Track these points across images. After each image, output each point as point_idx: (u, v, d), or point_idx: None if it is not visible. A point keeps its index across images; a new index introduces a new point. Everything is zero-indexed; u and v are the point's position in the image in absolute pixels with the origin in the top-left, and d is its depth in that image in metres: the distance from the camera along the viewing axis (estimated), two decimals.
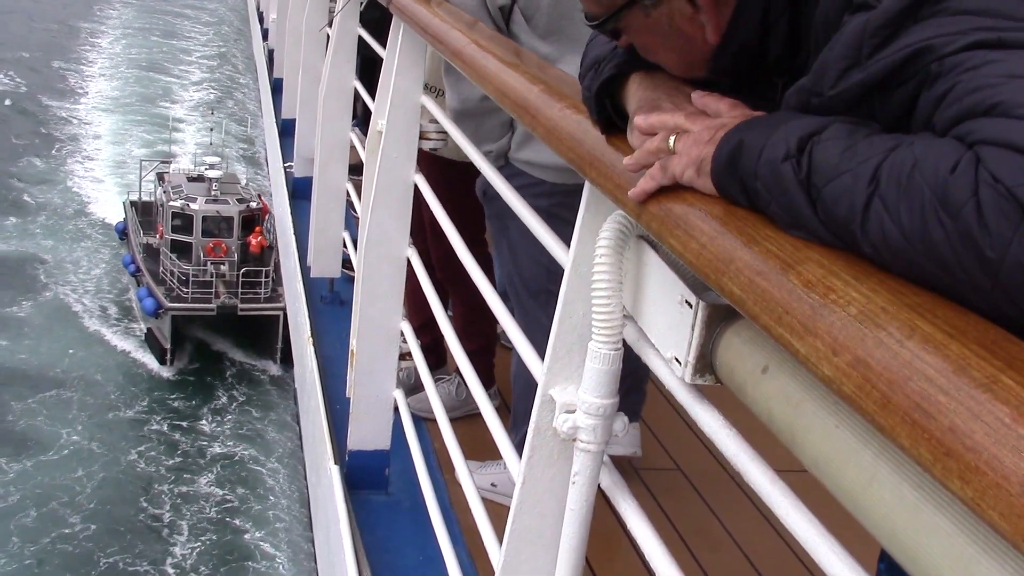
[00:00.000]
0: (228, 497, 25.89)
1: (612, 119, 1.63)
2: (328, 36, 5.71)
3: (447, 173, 4.08)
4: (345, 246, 5.41)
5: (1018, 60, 1.04)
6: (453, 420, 3.00)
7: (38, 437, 27.01)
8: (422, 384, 3.42)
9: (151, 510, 25.12)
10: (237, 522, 25.06)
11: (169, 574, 23.33)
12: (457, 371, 3.66)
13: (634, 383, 3.81)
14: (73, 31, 61.87)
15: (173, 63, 58.37)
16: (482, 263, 2.83)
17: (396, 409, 3.63)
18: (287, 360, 27.09)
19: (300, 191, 7.01)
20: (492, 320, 4.30)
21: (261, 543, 24.43)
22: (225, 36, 63.66)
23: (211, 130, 42.47)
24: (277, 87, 9.76)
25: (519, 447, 1.93)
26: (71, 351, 31.18)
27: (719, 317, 1.37)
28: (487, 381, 4.20)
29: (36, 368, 30.07)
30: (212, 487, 26.21)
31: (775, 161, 1.18)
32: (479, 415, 2.54)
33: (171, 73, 56.52)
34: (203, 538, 24.51)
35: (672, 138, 1.37)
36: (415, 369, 3.88)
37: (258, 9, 16.42)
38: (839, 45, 1.21)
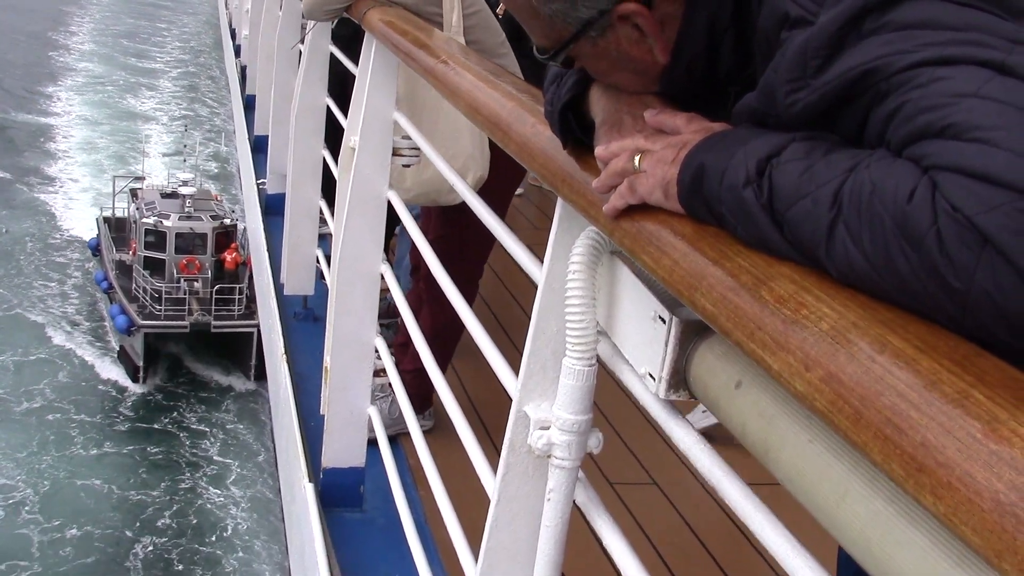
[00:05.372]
0: (201, 514, 25.71)
1: (576, 133, 1.63)
2: (300, 53, 5.70)
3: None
4: (319, 262, 5.40)
5: (966, 77, 1.03)
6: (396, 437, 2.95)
7: (6, 454, 26.76)
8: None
9: (122, 526, 24.93)
10: (211, 539, 24.89)
11: None
12: (391, 387, 3.66)
13: None
14: (46, 43, 61.64)
15: (147, 79, 58.22)
16: (465, 281, 2.83)
17: (371, 426, 3.62)
18: (261, 377, 26.99)
19: (273, 207, 6.99)
20: (451, 347, 4.30)
21: (234, 561, 24.26)
22: (197, 53, 63.74)
23: (184, 146, 42.32)
24: (250, 104, 9.74)
25: None
26: (42, 368, 30.93)
27: (692, 333, 1.37)
28: (427, 402, 4.20)
29: (5, 385, 29.81)
30: (184, 504, 26.03)
31: (736, 187, 1.18)
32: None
33: (145, 89, 56.36)
34: (175, 554, 24.33)
35: (637, 157, 1.37)
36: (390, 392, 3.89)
37: (230, 26, 16.39)
38: (783, 67, 1.20)
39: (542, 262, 1.79)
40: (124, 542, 24.49)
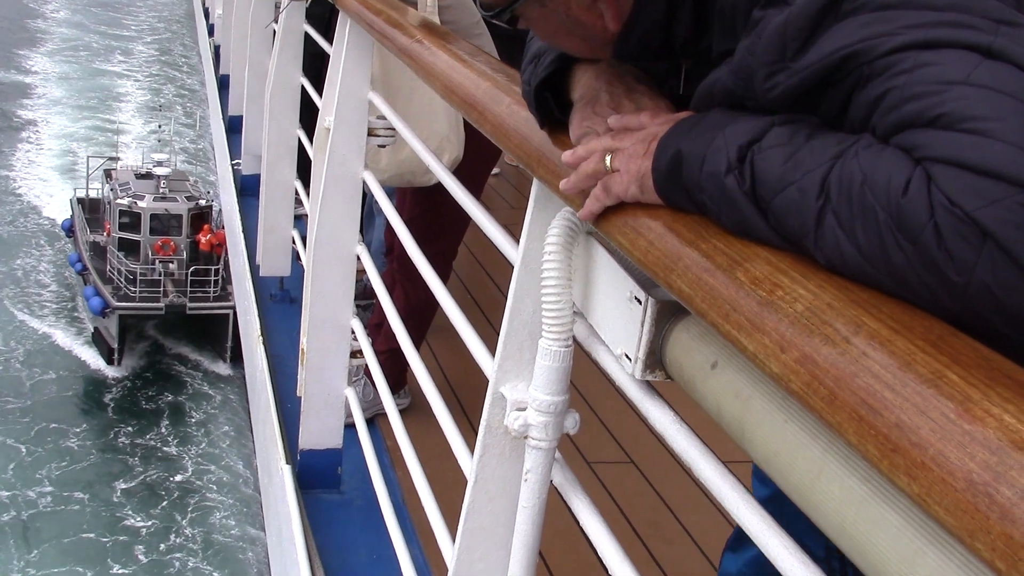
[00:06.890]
0: (177, 498, 25.63)
1: (553, 113, 1.61)
2: (274, 33, 5.66)
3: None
4: (295, 243, 5.38)
5: (952, 62, 1.01)
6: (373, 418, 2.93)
7: None
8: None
9: (97, 509, 24.83)
10: (186, 523, 24.83)
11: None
12: (367, 371, 3.66)
13: None
14: (17, 25, 61.06)
15: (120, 57, 57.81)
16: (439, 262, 2.82)
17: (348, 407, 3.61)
18: (237, 359, 26.89)
19: (248, 188, 6.96)
20: (424, 326, 4.29)
21: (211, 544, 24.22)
22: (171, 22, 63.58)
23: (159, 127, 41.99)
24: (224, 83, 9.68)
25: None
26: (16, 351, 30.73)
27: (668, 313, 1.37)
28: (400, 381, 4.21)
29: None
30: (160, 487, 25.94)
31: (718, 175, 1.16)
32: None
33: (118, 68, 55.94)
34: (151, 535, 24.27)
35: (608, 157, 1.35)
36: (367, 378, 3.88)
37: (204, 5, 16.26)
38: (760, 50, 1.18)
39: (518, 242, 1.79)
40: (99, 521, 24.41)
